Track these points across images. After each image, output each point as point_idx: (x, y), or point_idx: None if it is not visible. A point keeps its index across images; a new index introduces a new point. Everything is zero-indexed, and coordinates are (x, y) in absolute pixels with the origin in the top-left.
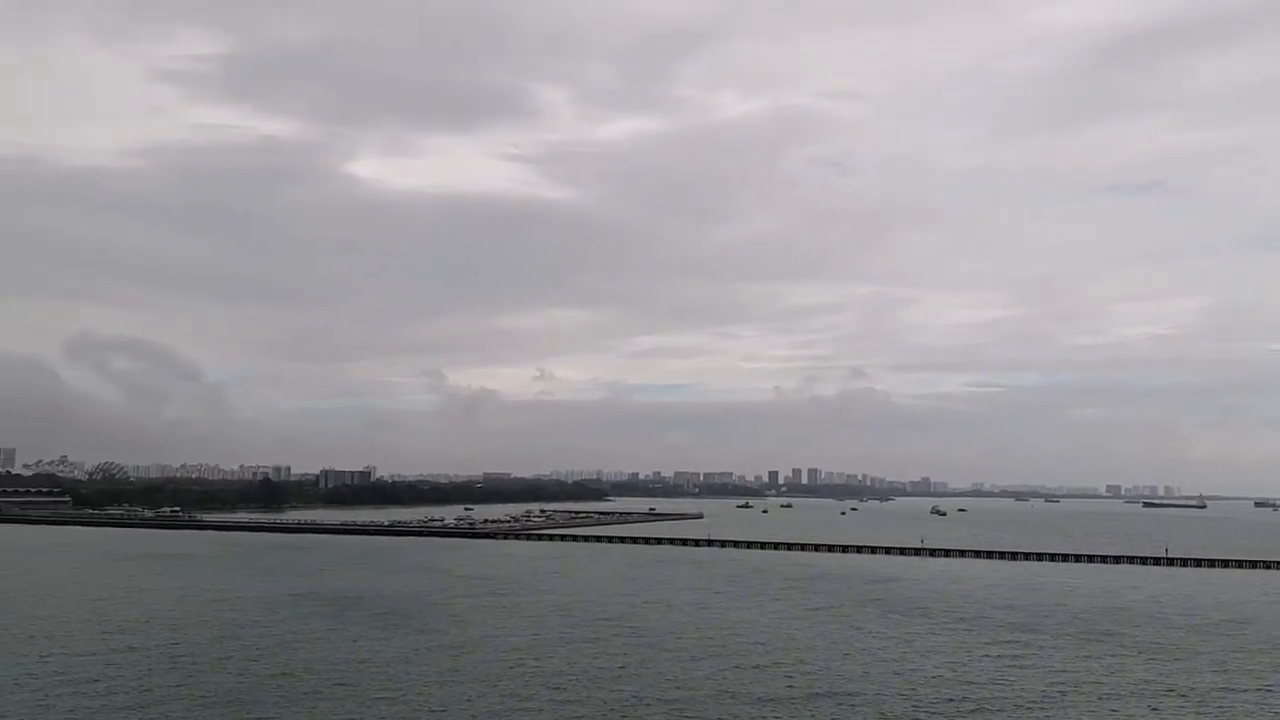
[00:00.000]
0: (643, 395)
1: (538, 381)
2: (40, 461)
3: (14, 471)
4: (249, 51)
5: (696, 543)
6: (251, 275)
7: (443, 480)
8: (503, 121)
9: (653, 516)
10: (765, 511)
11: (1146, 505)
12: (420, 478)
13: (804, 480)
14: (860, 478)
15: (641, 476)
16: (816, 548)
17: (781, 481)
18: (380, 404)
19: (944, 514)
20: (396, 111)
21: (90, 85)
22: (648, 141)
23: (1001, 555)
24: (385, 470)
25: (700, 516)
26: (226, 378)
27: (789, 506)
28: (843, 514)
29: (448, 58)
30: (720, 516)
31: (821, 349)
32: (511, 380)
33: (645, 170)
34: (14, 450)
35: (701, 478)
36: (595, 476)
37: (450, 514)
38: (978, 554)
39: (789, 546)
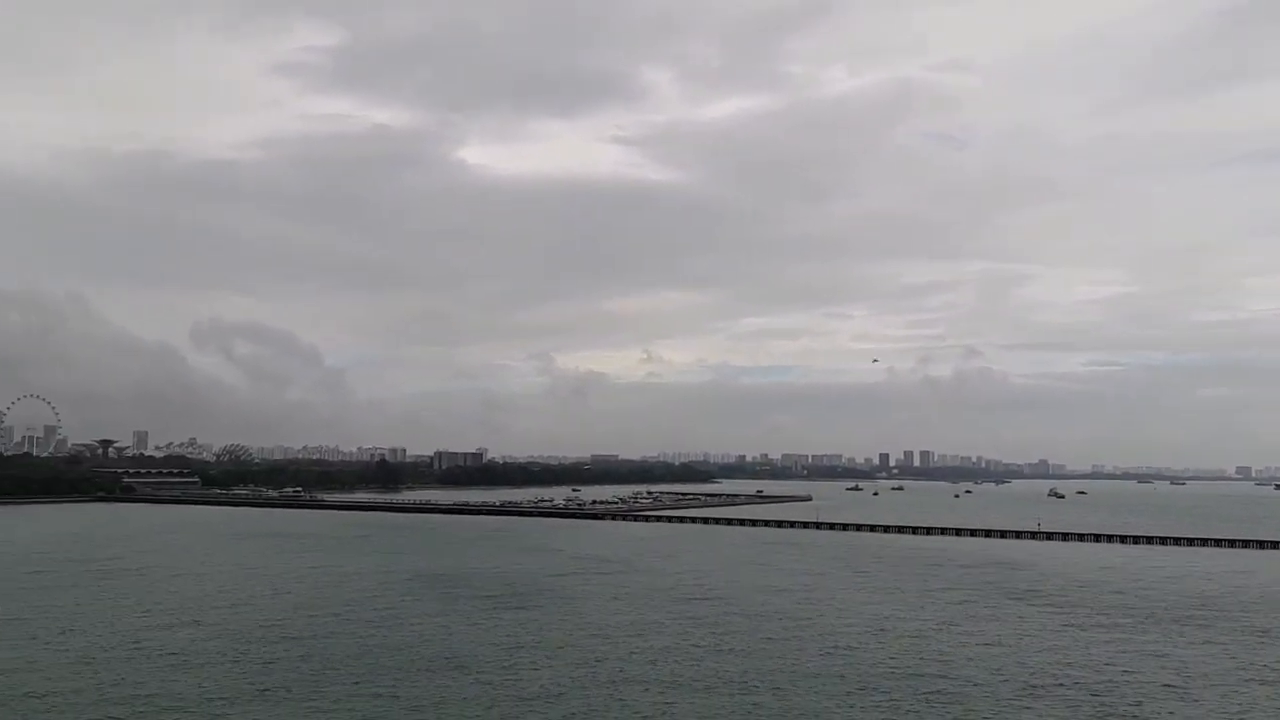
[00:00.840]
0: (750, 377)
1: (645, 364)
2: (171, 444)
3: (146, 453)
4: (360, 41)
5: (805, 525)
6: (367, 262)
7: (552, 462)
8: (607, 104)
9: (760, 499)
10: (876, 494)
11: (1279, 488)
12: (530, 459)
13: (916, 463)
14: (975, 460)
15: (748, 459)
16: (929, 531)
17: (893, 464)
18: (492, 386)
19: (1062, 496)
20: (504, 97)
21: (212, 79)
22: (754, 120)
23: (1122, 539)
24: (496, 452)
25: (809, 499)
26: (344, 362)
27: (900, 489)
28: (956, 497)
29: (553, 41)
30: (829, 499)
31: (935, 328)
32: (619, 362)
33: (752, 149)
34: (147, 433)
35: (810, 460)
36: (702, 459)
37: (559, 495)
38: (1097, 538)
39: (900, 529)
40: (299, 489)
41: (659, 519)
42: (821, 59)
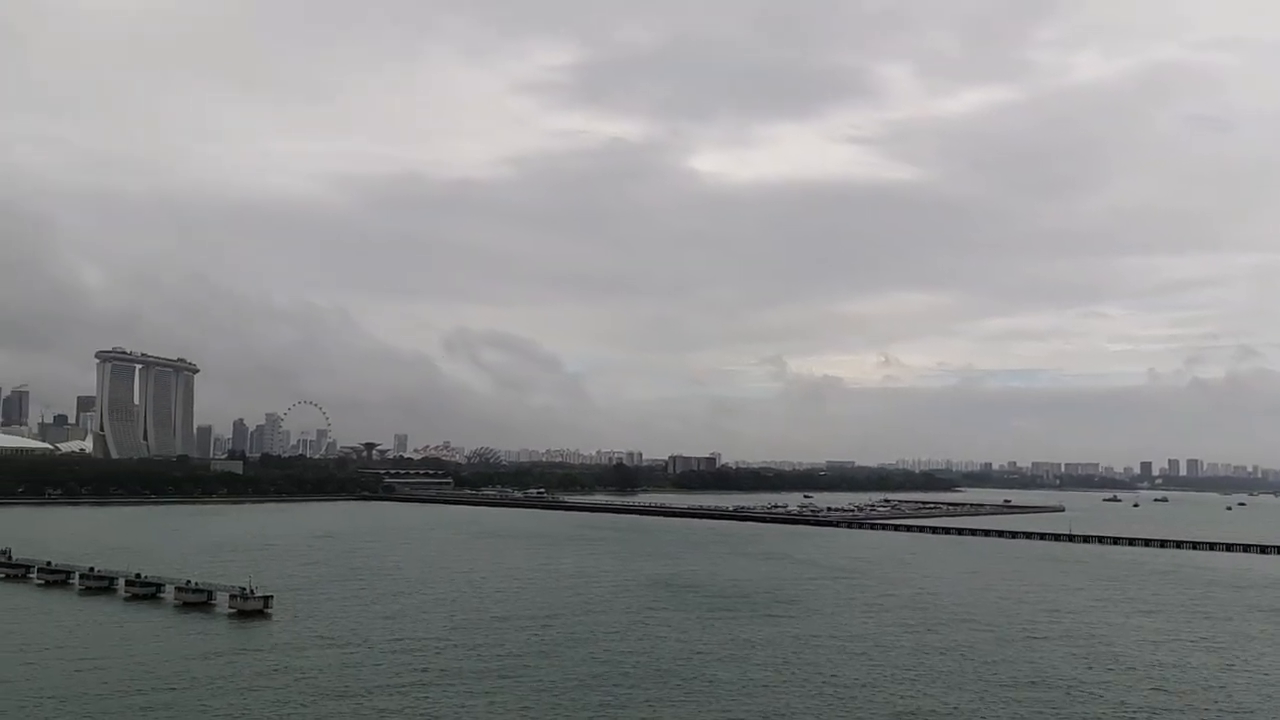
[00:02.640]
0: (995, 381)
1: (882, 367)
2: (427, 446)
3: (405, 455)
4: (596, 57)
5: (1055, 537)
6: (604, 270)
7: (786, 467)
8: (841, 104)
9: (1007, 509)
10: (1136, 505)
11: None
12: (763, 464)
13: (1182, 472)
14: (1250, 469)
15: (995, 467)
16: (1195, 545)
17: (1156, 473)
18: (724, 392)
19: None
20: (735, 103)
21: (462, 102)
22: (997, 112)
23: None
24: (729, 457)
25: (1061, 510)
26: (583, 368)
27: (1164, 501)
28: (1228, 509)
29: (784, 44)
30: (1084, 510)
31: (1204, 326)
32: (855, 366)
33: (994, 142)
34: (406, 436)
35: (1062, 469)
36: (944, 466)
37: (791, 501)
38: None
39: (1162, 544)
40: (542, 490)
41: (897, 528)
42: (1071, 44)
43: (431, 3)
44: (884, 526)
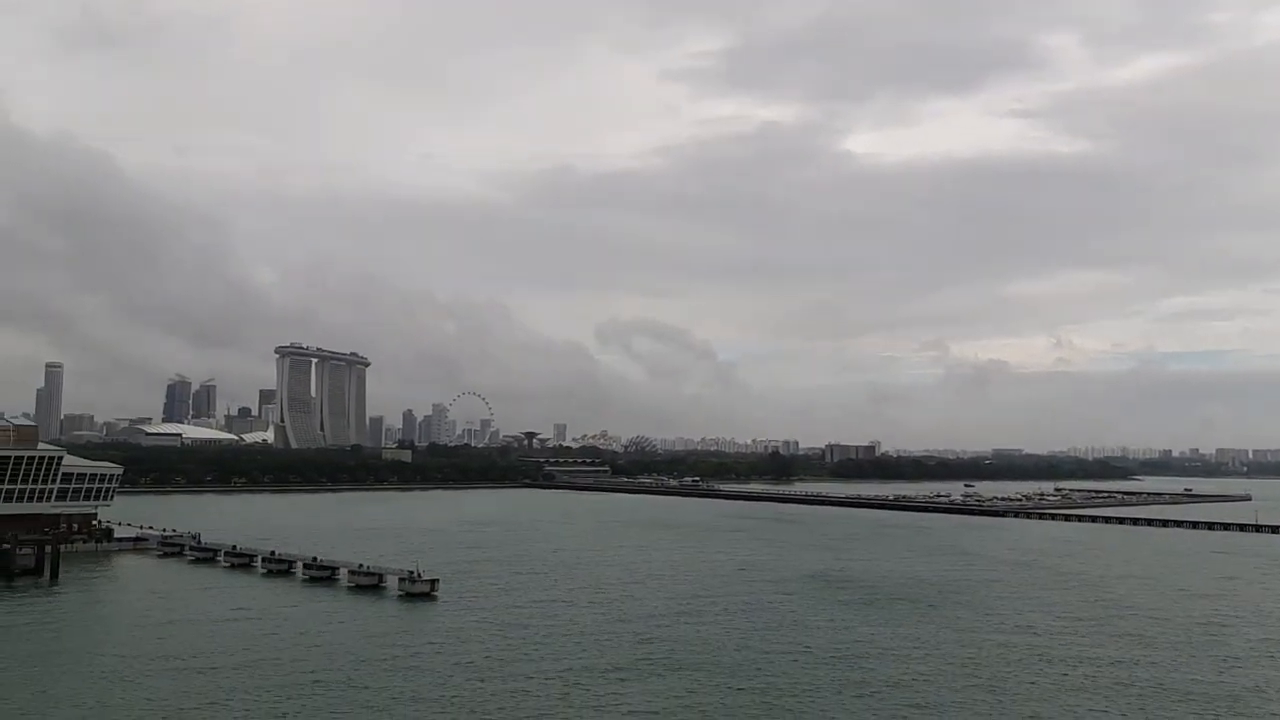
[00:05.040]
0: (1177, 364)
1: (1053, 350)
2: (585, 435)
3: (564, 444)
4: (748, 42)
5: (1241, 527)
6: (756, 257)
7: (949, 455)
8: (1003, 77)
9: (1188, 498)
10: None
11: None
12: (925, 453)
13: None
14: None
15: (1175, 454)
16: None
17: None
18: (884, 378)
19: None
20: (892, 81)
21: (613, 94)
22: (1175, 79)
23: None
24: (889, 445)
25: (1247, 499)
26: (736, 356)
27: None
28: None
29: (942, 18)
30: (1273, 499)
31: None
32: (1023, 350)
33: (1172, 111)
34: (565, 425)
35: (1250, 455)
36: (1120, 454)
37: (954, 490)
38: None
39: None
40: (697, 479)
41: (1068, 518)
42: (1254, 4)
43: None
44: (1054, 516)
